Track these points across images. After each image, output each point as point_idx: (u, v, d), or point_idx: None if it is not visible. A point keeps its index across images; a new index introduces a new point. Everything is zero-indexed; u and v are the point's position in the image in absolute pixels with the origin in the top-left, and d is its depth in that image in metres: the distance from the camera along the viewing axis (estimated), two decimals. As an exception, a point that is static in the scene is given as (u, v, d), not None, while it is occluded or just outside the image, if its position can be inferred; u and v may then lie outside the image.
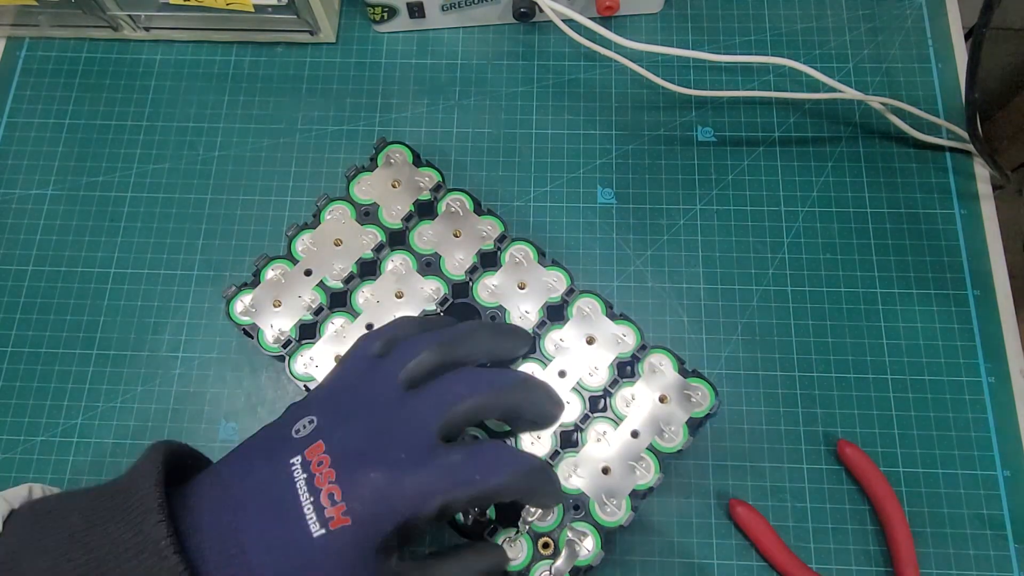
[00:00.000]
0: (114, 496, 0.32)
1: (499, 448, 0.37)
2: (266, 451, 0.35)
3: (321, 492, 0.32)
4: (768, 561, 0.51)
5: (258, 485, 0.33)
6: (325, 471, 0.33)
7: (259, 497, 0.33)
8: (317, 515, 0.32)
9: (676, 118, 0.62)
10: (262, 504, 0.33)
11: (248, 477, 0.34)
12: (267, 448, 0.36)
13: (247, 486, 0.34)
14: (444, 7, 0.62)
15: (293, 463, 0.33)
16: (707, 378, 0.47)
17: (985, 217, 0.59)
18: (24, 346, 0.57)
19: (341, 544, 0.32)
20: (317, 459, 0.33)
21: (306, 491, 0.32)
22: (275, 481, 0.33)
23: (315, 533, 0.32)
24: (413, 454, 0.34)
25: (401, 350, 0.39)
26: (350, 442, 0.34)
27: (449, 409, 0.36)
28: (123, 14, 0.61)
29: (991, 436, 0.54)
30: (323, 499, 0.32)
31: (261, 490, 0.33)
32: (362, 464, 0.33)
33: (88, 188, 0.61)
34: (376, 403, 0.37)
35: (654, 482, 0.45)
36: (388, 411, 0.36)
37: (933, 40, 0.64)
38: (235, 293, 0.49)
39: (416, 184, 0.51)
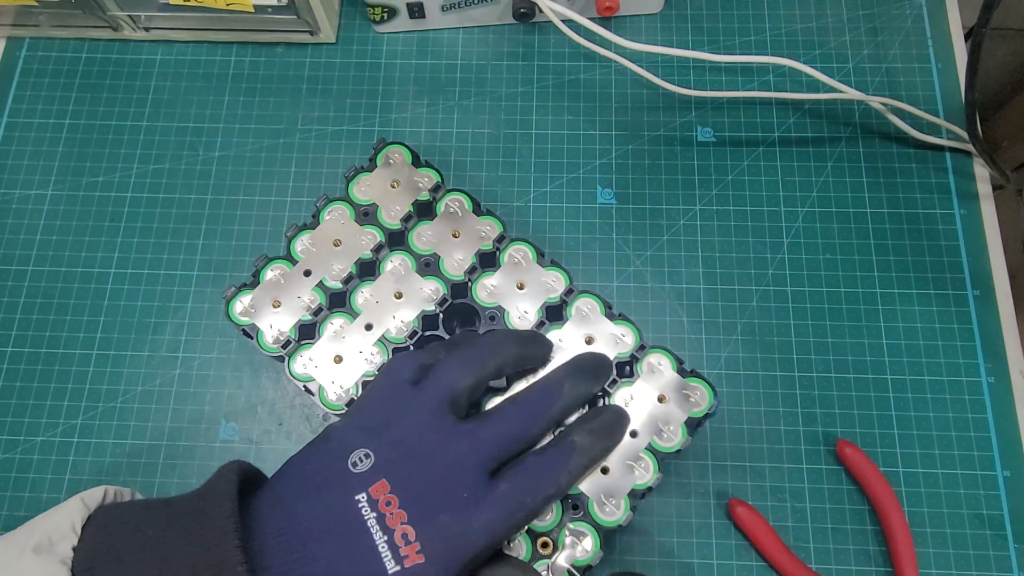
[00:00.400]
0: (192, 515, 0.33)
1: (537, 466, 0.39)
2: (327, 482, 0.36)
3: (394, 532, 0.34)
4: (768, 561, 0.51)
5: (327, 519, 0.35)
6: (395, 511, 0.35)
7: (329, 531, 0.34)
8: (392, 553, 0.34)
9: (676, 118, 0.62)
10: (332, 538, 0.34)
11: (314, 508, 0.35)
12: (327, 479, 0.37)
13: (315, 518, 0.35)
14: (444, 7, 0.62)
15: (360, 500, 0.35)
16: (706, 378, 0.47)
17: (985, 217, 0.59)
18: (24, 346, 0.57)
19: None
20: (384, 499, 0.35)
21: (378, 529, 0.34)
22: (344, 517, 0.35)
23: (390, 570, 0.33)
24: (473, 492, 0.37)
25: (438, 375, 0.40)
26: (413, 483, 0.36)
27: (501, 445, 0.39)
28: (123, 14, 0.61)
29: (991, 436, 0.54)
30: (397, 539, 0.34)
31: (330, 524, 0.35)
32: (431, 506, 0.35)
33: (88, 188, 0.61)
34: (426, 436, 0.38)
35: (653, 482, 0.45)
36: (441, 446, 0.38)
37: (933, 40, 0.64)
38: (234, 294, 0.49)
39: (415, 184, 0.51)
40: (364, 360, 0.48)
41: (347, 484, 0.36)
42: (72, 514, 0.34)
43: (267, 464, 0.54)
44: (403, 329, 0.48)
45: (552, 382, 0.43)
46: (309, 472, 0.37)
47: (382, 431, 0.39)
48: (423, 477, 0.37)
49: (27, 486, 0.54)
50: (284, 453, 0.54)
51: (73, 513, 0.34)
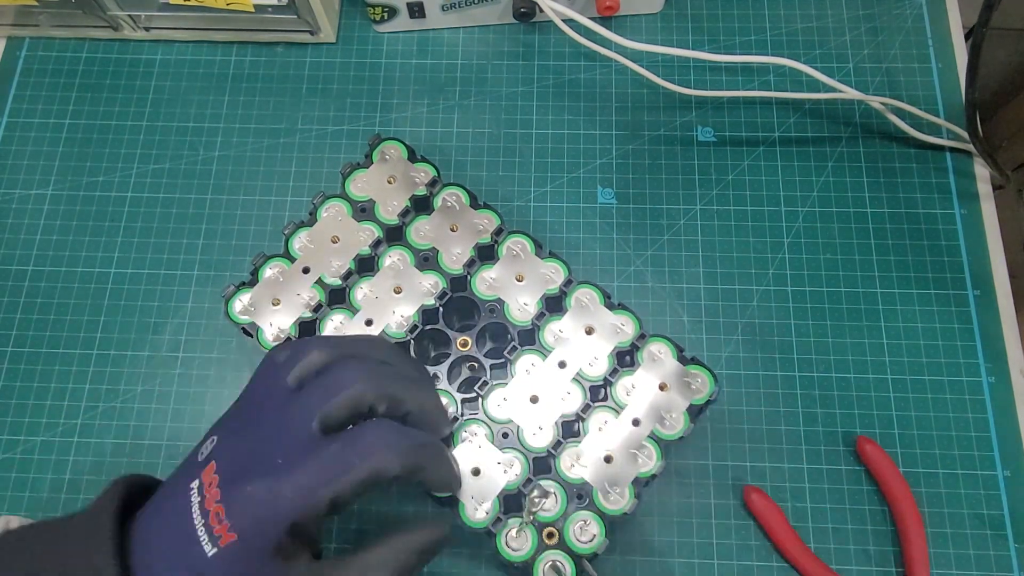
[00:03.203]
0: (74, 527, 0.34)
1: (380, 427, 0.36)
2: (177, 477, 0.36)
3: (210, 513, 0.33)
4: (778, 548, 0.51)
5: (166, 514, 0.35)
6: (212, 491, 0.34)
7: (166, 527, 0.34)
8: (208, 535, 0.33)
9: (676, 118, 0.62)
10: (168, 533, 0.34)
11: (160, 506, 0.35)
12: (180, 474, 0.36)
13: (161, 516, 0.35)
14: (444, 7, 0.62)
15: (192, 487, 0.34)
16: (706, 365, 0.47)
17: (985, 217, 0.59)
18: (24, 346, 0.57)
19: (233, 559, 0.33)
20: (208, 480, 0.34)
21: (198, 513, 0.33)
22: (176, 508, 0.34)
23: (209, 553, 0.32)
24: (291, 455, 0.34)
25: (293, 350, 0.39)
26: (235, 458, 0.35)
27: (329, 400, 0.36)
28: (123, 14, 0.61)
29: (991, 436, 0.54)
30: (211, 519, 0.33)
31: (167, 519, 0.34)
32: (242, 478, 0.34)
33: (88, 188, 0.61)
34: (264, 409, 0.37)
35: (656, 469, 0.45)
36: (274, 416, 0.36)
37: (933, 40, 0.64)
38: (234, 292, 0.49)
39: (412, 179, 0.51)
40: (364, 357, 0.48)
41: (190, 474, 0.35)
42: None
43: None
44: (403, 324, 0.48)
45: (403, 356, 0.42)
46: (173, 475, 0.37)
47: (233, 413, 0.39)
48: (244, 451, 0.35)
49: (27, 486, 0.54)
50: (284, 452, 0.54)
51: None
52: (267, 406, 0.37)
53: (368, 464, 0.34)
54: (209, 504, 0.33)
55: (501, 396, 0.47)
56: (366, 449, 0.34)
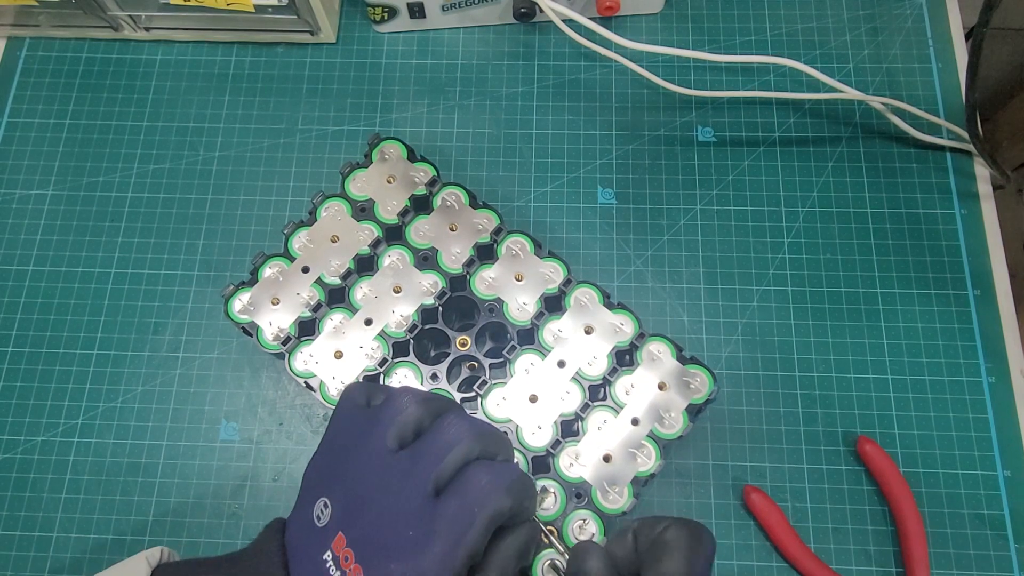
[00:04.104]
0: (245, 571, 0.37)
1: (479, 471, 0.37)
2: (303, 544, 0.37)
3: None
4: (778, 547, 0.51)
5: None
6: (352, 567, 0.34)
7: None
8: None
9: (676, 118, 0.62)
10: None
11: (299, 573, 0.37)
12: (303, 539, 0.37)
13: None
14: (444, 7, 0.62)
15: (326, 559, 0.35)
16: (705, 364, 0.47)
17: (985, 217, 0.59)
18: (24, 346, 0.57)
19: None
20: (343, 554, 0.35)
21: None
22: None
23: None
24: (418, 525, 0.35)
25: (389, 409, 0.39)
26: (363, 531, 0.36)
27: (440, 463, 0.36)
28: (123, 14, 0.61)
29: (991, 436, 0.54)
30: None
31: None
32: (380, 557, 0.35)
33: (88, 188, 0.61)
34: (371, 472, 0.37)
35: (655, 468, 0.45)
36: (385, 481, 0.37)
37: (933, 40, 0.64)
38: (233, 292, 0.49)
39: (411, 179, 0.51)
40: (365, 355, 0.48)
41: (317, 544, 0.36)
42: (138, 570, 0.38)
43: (268, 463, 0.54)
44: (402, 323, 0.48)
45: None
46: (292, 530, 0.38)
47: (336, 471, 0.38)
48: (371, 521, 0.36)
49: (27, 486, 0.54)
50: (284, 453, 0.54)
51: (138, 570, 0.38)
52: (372, 468, 0.37)
53: (486, 512, 0.35)
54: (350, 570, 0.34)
55: (500, 395, 0.47)
56: (480, 497, 0.35)
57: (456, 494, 0.36)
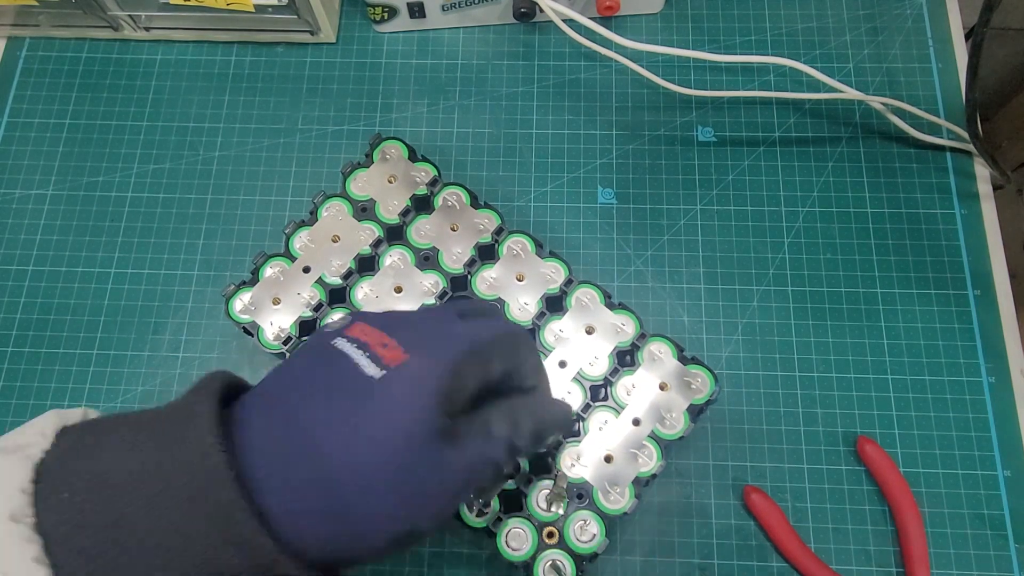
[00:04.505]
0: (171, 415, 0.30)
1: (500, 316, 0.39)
2: (302, 351, 0.34)
3: (370, 345, 0.31)
4: (778, 547, 0.51)
5: (304, 367, 0.32)
6: (373, 333, 0.32)
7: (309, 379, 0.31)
8: (372, 362, 0.31)
9: (676, 118, 0.62)
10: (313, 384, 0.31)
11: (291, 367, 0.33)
12: (303, 350, 0.34)
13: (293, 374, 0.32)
14: (444, 7, 0.62)
15: (336, 342, 0.32)
16: (706, 364, 0.47)
17: (985, 217, 0.59)
18: (24, 346, 0.57)
19: (406, 381, 0.30)
20: (361, 331, 0.32)
21: (356, 350, 0.31)
22: (322, 357, 0.32)
23: (374, 374, 0.30)
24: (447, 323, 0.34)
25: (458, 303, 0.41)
26: (391, 319, 0.34)
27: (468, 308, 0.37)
28: (123, 14, 0.61)
29: (991, 436, 0.54)
30: (375, 348, 0.31)
31: (309, 369, 0.32)
32: (408, 320, 0.33)
33: (88, 188, 0.61)
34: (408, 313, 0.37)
35: (656, 469, 0.45)
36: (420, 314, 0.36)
37: (933, 40, 0.64)
38: (234, 291, 0.49)
39: (412, 179, 0.51)
40: (365, 357, 0.48)
41: (323, 337, 0.33)
42: (46, 423, 0.31)
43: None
44: (403, 326, 0.48)
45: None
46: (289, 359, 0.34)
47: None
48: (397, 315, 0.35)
49: (26, 486, 0.54)
50: (284, 452, 0.54)
51: (47, 422, 0.31)
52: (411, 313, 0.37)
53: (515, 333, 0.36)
54: (368, 338, 0.31)
55: (501, 396, 0.47)
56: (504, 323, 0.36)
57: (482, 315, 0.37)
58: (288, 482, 0.29)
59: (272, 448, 0.29)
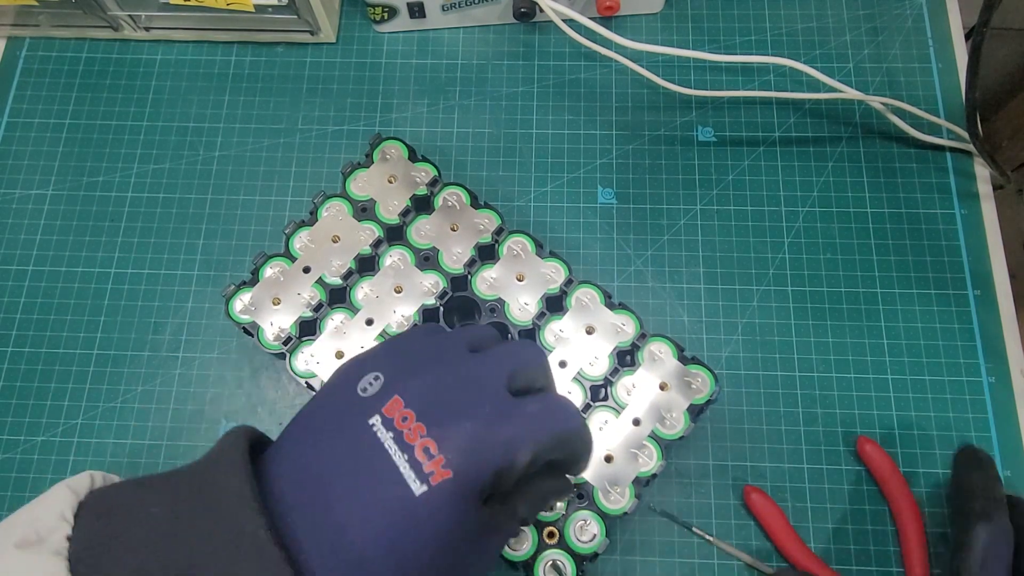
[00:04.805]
0: (200, 487, 0.30)
1: (562, 398, 0.36)
2: (336, 416, 0.33)
3: (415, 448, 0.30)
4: (778, 547, 0.51)
5: (341, 454, 0.31)
6: (413, 426, 0.31)
7: (345, 466, 0.31)
8: (416, 472, 0.30)
9: (676, 118, 0.62)
10: (349, 473, 0.30)
11: (326, 446, 0.31)
12: (336, 412, 0.33)
13: (329, 457, 0.31)
14: (444, 7, 0.62)
15: (373, 423, 0.31)
16: (707, 364, 0.47)
17: (985, 217, 0.59)
18: (24, 346, 0.57)
19: (446, 497, 0.30)
20: (400, 415, 0.31)
21: (397, 449, 0.30)
22: (359, 445, 0.31)
23: (417, 492, 0.29)
24: (496, 405, 0.33)
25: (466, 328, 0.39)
26: (430, 394, 0.32)
27: (515, 367, 0.35)
28: (123, 14, 0.61)
29: (991, 436, 0.54)
30: (418, 455, 0.30)
31: (345, 459, 0.31)
32: (451, 416, 0.31)
33: (88, 188, 0.61)
34: (443, 359, 0.35)
35: (656, 469, 0.45)
36: (456, 366, 0.34)
37: (933, 40, 0.64)
38: (234, 292, 0.49)
39: (412, 179, 0.52)
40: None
41: (358, 410, 0.32)
42: (59, 502, 0.29)
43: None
44: (404, 323, 0.48)
45: None
46: (319, 415, 0.33)
47: (394, 354, 0.35)
48: (437, 389, 0.33)
49: (27, 486, 0.54)
50: (284, 452, 0.54)
51: (60, 501, 0.29)
52: (444, 357, 0.35)
53: (565, 426, 0.34)
54: (412, 438, 0.30)
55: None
56: (562, 414, 0.34)
57: (537, 399, 0.34)
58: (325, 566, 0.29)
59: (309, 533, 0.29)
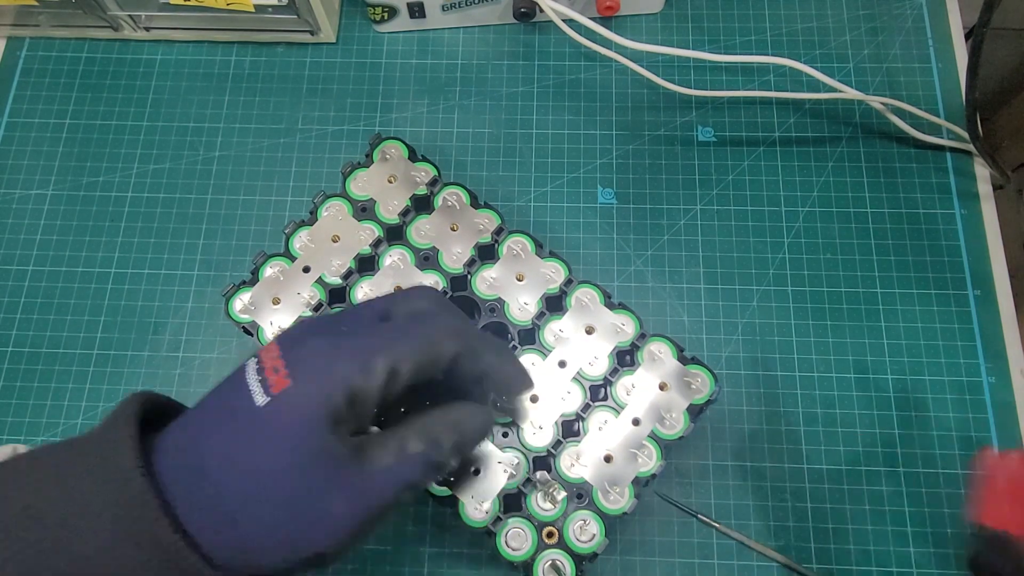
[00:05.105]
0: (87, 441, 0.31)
1: (441, 315, 0.36)
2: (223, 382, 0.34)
3: (265, 369, 0.31)
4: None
5: (215, 397, 0.33)
6: (273, 356, 0.32)
7: (213, 406, 0.32)
8: (262, 388, 0.31)
9: (676, 118, 0.62)
10: (215, 409, 0.32)
11: (215, 392, 0.33)
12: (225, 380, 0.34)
13: (204, 405, 0.33)
14: (444, 7, 0.62)
15: (247, 364, 0.32)
16: (706, 364, 0.47)
17: (985, 217, 0.59)
18: (24, 346, 0.57)
19: (288, 408, 0.30)
20: (267, 351, 0.32)
21: (253, 374, 0.31)
22: (230, 385, 0.32)
23: (260, 402, 0.30)
24: (357, 327, 0.34)
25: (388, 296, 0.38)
26: (300, 330, 0.34)
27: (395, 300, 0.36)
28: (123, 14, 0.61)
29: (991, 436, 0.54)
30: (268, 373, 0.31)
31: (216, 401, 0.32)
32: (304, 336, 0.33)
33: (88, 188, 0.61)
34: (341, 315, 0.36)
35: (656, 469, 0.45)
36: (344, 312, 0.36)
37: (933, 40, 0.64)
38: (234, 291, 0.49)
39: (412, 179, 0.51)
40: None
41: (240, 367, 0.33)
42: None
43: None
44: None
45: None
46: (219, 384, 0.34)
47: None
48: (309, 326, 0.34)
49: (26, 486, 0.54)
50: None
51: None
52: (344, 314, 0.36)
53: (426, 335, 0.33)
54: (266, 363, 0.32)
55: (501, 395, 0.47)
56: (426, 326, 0.34)
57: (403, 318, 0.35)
58: (194, 504, 0.30)
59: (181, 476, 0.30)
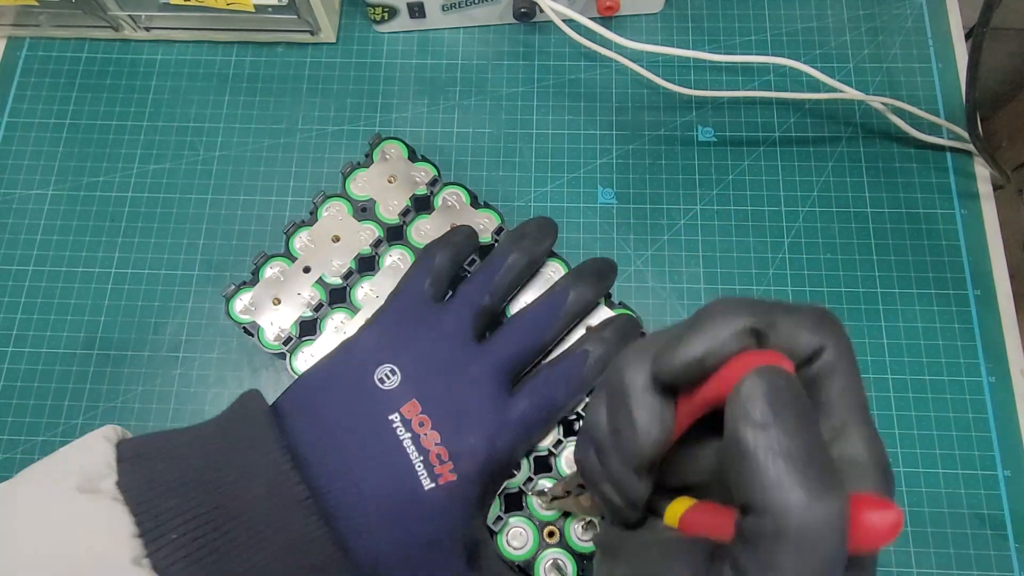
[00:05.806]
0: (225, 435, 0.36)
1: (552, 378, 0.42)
2: (357, 398, 0.39)
3: (430, 453, 0.37)
4: None
5: (362, 434, 0.37)
6: (429, 433, 0.38)
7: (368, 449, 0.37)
8: (428, 472, 0.37)
9: (676, 118, 0.62)
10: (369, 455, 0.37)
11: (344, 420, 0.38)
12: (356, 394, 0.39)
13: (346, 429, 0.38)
14: (444, 7, 0.62)
15: (393, 420, 0.38)
16: None
17: (985, 217, 0.59)
18: (24, 346, 0.57)
19: (450, 495, 0.37)
20: (416, 420, 0.38)
21: (414, 450, 0.37)
22: (380, 436, 0.37)
23: (427, 487, 0.37)
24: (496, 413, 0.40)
25: (463, 295, 0.43)
26: (442, 404, 0.39)
27: (513, 360, 0.42)
28: (123, 14, 0.61)
29: (991, 436, 0.54)
30: (432, 459, 0.37)
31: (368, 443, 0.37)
32: (461, 430, 0.38)
33: (88, 188, 0.61)
34: (449, 355, 0.41)
35: None
36: (463, 365, 0.41)
37: (933, 40, 0.64)
38: (234, 292, 0.49)
39: (412, 179, 0.51)
40: (365, 357, 0.48)
41: (378, 401, 0.38)
42: (102, 451, 0.33)
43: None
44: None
45: (557, 292, 0.45)
46: (334, 385, 0.40)
47: (405, 346, 0.41)
48: (450, 398, 0.39)
49: (26, 486, 0.54)
50: (284, 452, 0.54)
51: (103, 450, 0.33)
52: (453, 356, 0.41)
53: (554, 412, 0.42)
54: (427, 444, 0.37)
55: (502, 395, 0.47)
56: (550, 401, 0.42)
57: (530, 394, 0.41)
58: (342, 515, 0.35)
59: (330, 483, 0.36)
